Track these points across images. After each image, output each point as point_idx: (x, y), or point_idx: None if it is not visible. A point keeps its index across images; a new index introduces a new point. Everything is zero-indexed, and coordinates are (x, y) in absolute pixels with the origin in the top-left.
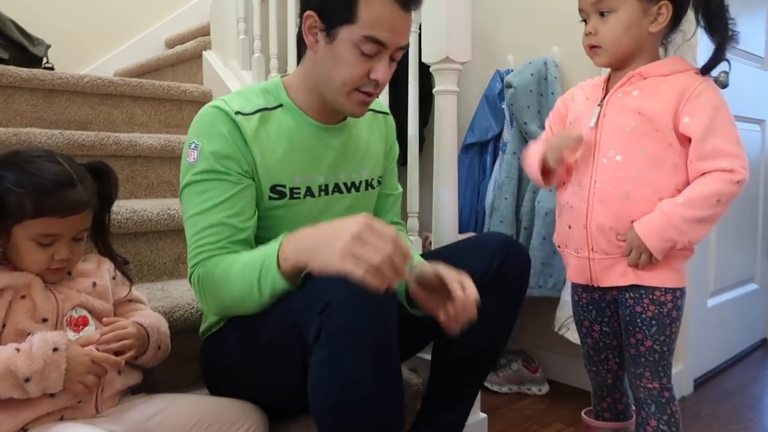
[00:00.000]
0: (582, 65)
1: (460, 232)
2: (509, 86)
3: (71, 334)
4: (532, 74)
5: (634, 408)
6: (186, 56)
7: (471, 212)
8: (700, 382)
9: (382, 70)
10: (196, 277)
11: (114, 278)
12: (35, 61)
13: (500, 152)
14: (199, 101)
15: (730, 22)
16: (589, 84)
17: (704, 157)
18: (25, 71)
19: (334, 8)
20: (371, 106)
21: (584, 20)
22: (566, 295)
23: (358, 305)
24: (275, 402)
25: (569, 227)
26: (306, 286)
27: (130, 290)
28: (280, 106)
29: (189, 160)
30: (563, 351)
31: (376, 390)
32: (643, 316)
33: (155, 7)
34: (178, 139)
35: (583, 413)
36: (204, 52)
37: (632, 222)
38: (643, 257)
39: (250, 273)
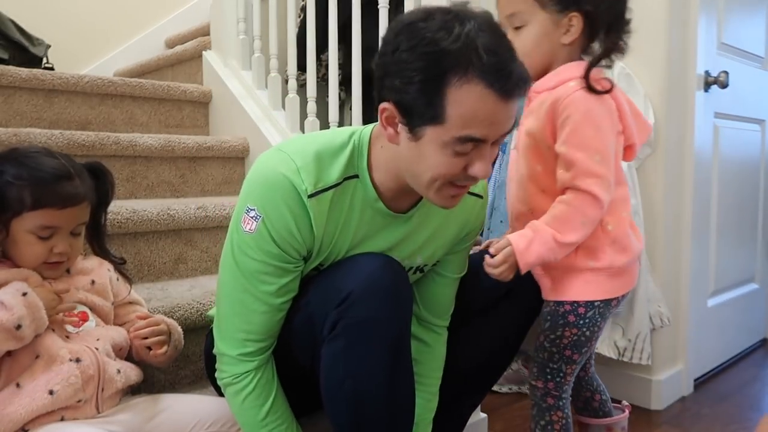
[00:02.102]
0: None
1: None
2: None
3: (71, 329)
4: None
5: (625, 403)
6: (186, 56)
7: None
8: (700, 382)
9: (482, 167)
10: (225, 386)
11: (117, 279)
12: (35, 61)
13: (500, 152)
14: (199, 101)
15: (625, 33)
16: None
17: (566, 170)
18: (25, 71)
19: (416, 106)
20: None
21: None
22: None
23: (377, 298)
24: None
25: None
26: (323, 280)
27: (129, 291)
28: (356, 176)
29: (244, 228)
30: None
31: (390, 383)
32: (543, 309)
33: (155, 7)
34: (178, 139)
35: (576, 414)
36: (204, 52)
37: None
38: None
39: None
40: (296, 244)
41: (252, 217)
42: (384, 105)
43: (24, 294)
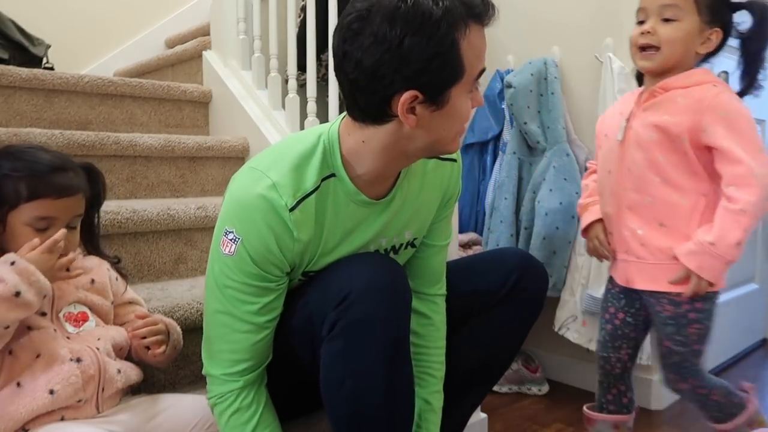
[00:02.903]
0: (582, 65)
1: (460, 232)
2: (509, 86)
3: (71, 329)
4: (532, 74)
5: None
6: (186, 56)
7: (471, 212)
8: None
9: (480, 93)
10: (213, 407)
11: (117, 279)
12: (35, 61)
13: (500, 152)
14: (199, 101)
15: (761, 73)
16: (626, 97)
17: (726, 165)
18: (25, 71)
19: (441, 78)
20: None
21: (641, 22)
22: (566, 295)
23: (376, 298)
24: (278, 397)
25: (611, 233)
26: (322, 281)
27: (126, 289)
28: (333, 175)
29: (223, 251)
30: (563, 351)
31: (389, 382)
32: (661, 315)
33: (155, 7)
34: (178, 139)
35: (585, 407)
36: (204, 52)
37: (660, 224)
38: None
39: None
40: (276, 261)
41: (230, 240)
42: (404, 96)
43: (12, 263)
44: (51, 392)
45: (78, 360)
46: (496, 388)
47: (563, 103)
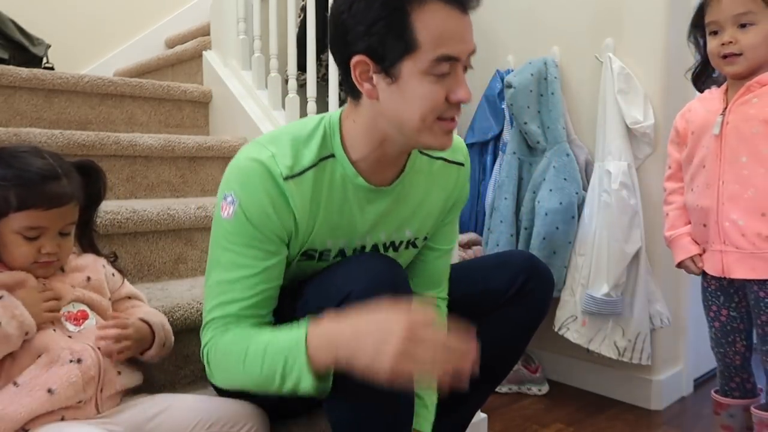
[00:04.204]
0: (582, 65)
1: (460, 232)
2: (509, 86)
3: (72, 328)
4: (532, 74)
5: (760, 387)
6: (186, 56)
7: (471, 212)
8: (700, 382)
9: (463, 87)
10: (208, 349)
11: (113, 274)
12: (35, 61)
13: (500, 152)
14: (199, 101)
15: None
16: (706, 97)
17: None
18: (25, 71)
19: (387, 43)
20: (443, 155)
21: (714, 32)
22: (566, 295)
23: (377, 298)
24: (279, 397)
25: (704, 225)
26: (322, 281)
27: (123, 282)
28: (332, 156)
29: (223, 215)
30: (563, 351)
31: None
32: (765, 301)
33: (155, 7)
34: (178, 139)
35: (713, 393)
36: (204, 52)
37: (762, 214)
38: None
39: (271, 362)
40: (273, 226)
41: (229, 203)
42: (355, 59)
43: (0, 297)
44: (50, 391)
45: (78, 361)
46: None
47: (563, 103)
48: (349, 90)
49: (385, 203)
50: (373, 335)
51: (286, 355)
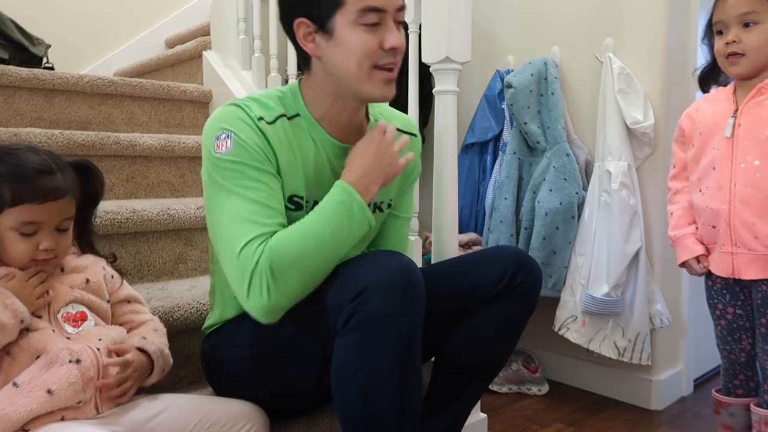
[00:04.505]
0: (582, 65)
1: (460, 232)
2: (509, 86)
3: (71, 330)
4: (532, 74)
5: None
6: (186, 56)
7: (471, 212)
8: (700, 382)
9: (393, 35)
10: (268, 256)
11: (112, 277)
12: (35, 61)
13: (500, 152)
14: (199, 101)
15: None
16: (714, 96)
17: None
18: (25, 71)
19: (319, 3)
20: (398, 125)
21: (719, 32)
22: (566, 296)
23: (393, 293)
24: (281, 396)
25: (713, 227)
26: (338, 276)
27: (122, 283)
28: (298, 115)
29: (220, 151)
30: (563, 351)
31: (401, 377)
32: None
33: (155, 7)
34: (178, 139)
35: (713, 392)
36: (204, 52)
37: None
38: None
39: (338, 221)
40: (266, 152)
41: (224, 139)
42: (296, 22)
43: None
44: (49, 392)
45: (77, 361)
46: (496, 388)
47: (563, 103)
48: (301, 56)
49: None
50: (378, 158)
51: (342, 204)
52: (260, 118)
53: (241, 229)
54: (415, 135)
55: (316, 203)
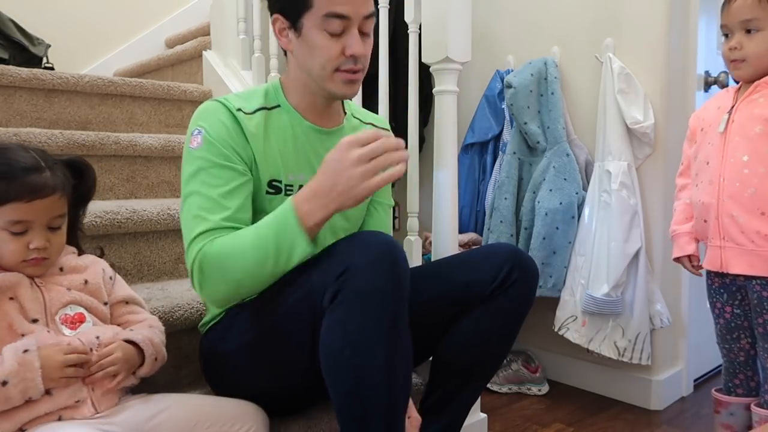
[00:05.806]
0: (582, 65)
1: (460, 232)
2: (509, 86)
3: (68, 332)
4: (532, 74)
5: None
6: (186, 56)
7: (471, 212)
8: (700, 382)
9: (355, 44)
10: (200, 257)
11: (111, 278)
12: (35, 61)
13: (500, 152)
14: (199, 101)
15: None
16: (721, 94)
17: None
18: (25, 71)
19: (290, 3)
20: (372, 121)
21: (725, 35)
22: (566, 296)
23: (376, 269)
24: (278, 388)
25: (705, 221)
26: (322, 259)
27: (118, 284)
28: (278, 106)
29: (192, 146)
30: (563, 351)
31: (389, 352)
32: (760, 298)
33: (155, 7)
34: (178, 139)
35: (713, 391)
36: (204, 52)
37: (762, 213)
38: None
39: (264, 241)
40: (236, 147)
41: (196, 135)
42: (273, 17)
43: (25, 351)
44: (48, 392)
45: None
46: (495, 388)
47: (563, 103)
48: (281, 48)
49: (332, 142)
50: (337, 177)
51: (277, 225)
52: (239, 109)
53: (191, 224)
54: (388, 131)
55: (300, 186)
